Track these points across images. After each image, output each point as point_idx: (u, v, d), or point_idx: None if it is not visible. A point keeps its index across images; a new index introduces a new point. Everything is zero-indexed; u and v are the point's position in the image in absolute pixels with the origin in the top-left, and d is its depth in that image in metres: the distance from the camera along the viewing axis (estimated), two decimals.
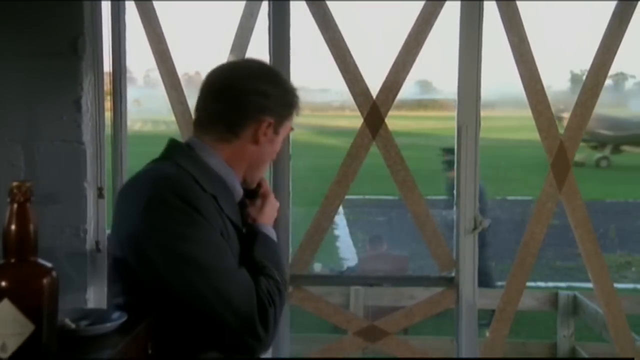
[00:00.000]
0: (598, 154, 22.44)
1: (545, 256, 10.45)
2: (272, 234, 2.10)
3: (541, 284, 10.56)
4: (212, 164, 1.96)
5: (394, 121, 3.47)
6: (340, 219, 15.44)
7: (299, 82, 2.17)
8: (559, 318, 7.32)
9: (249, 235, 2.04)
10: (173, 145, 2.02)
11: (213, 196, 1.89)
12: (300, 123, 2.17)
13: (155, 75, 3.37)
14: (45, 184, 3.27)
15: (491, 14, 3.35)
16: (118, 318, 1.82)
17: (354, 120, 3.57)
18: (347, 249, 13.18)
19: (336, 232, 14.41)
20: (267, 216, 2.12)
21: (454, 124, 3.39)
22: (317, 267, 8.58)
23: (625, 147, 20.98)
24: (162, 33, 3.36)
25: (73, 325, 1.80)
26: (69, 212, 3.30)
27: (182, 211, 1.79)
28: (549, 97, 3.39)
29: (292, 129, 2.12)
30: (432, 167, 10.95)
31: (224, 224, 1.90)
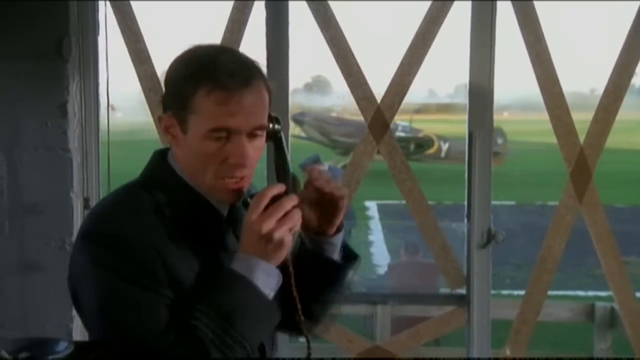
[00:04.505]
0: (343, 162, 21.42)
1: (584, 264, 10.13)
2: (252, 270, 1.55)
3: (580, 292, 10.27)
4: (185, 177, 1.70)
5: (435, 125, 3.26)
6: (374, 224, 15.21)
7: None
8: (596, 330, 7.02)
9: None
10: (151, 161, 1.72)
11: (182, 221, 1.61)
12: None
13: None
14: (29, 193, 3.14)
15: (504, 12, 3.12)
16: (63, 349, 1.65)
17: None
18: (381, 255, 12.93)
19: (370, 237, 14.19)
20: (248, 246, 1.56)
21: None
22: None
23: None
24: (139, 31, 3.18)
25: (10, 358, 1.62)
26: (54, 224, 3.14)
27: (102, 260, 1.55)
28: (594, 101, 3.15)
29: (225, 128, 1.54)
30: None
31: (180, 255, 1.58)
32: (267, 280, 1.57)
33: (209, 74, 1.53)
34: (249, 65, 1.58)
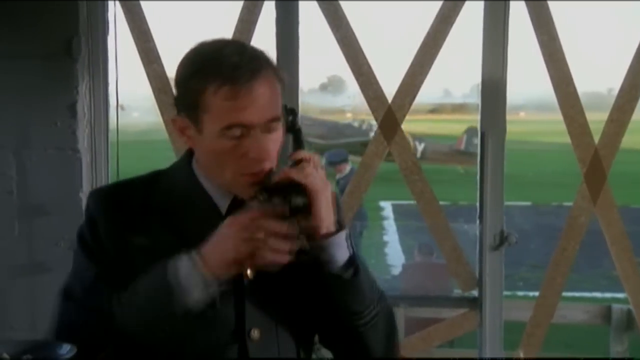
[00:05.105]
0: None
1: (601, 265, 10.06)
2: (187, 269, 1.46)
3: (597, 294, 10.16)
4: (197, 172, 1.63)
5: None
6: (389, 225, 15.13)
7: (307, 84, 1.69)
8: (612, 333, 6.94)
9: None
10: (184, 153, 1.71)
11: (171, 212, 1.59)
12: None
13: None
14: (38, 194, 3.13)
15: (517, 11, 3.08)
16: (66, 352, 1.62)
17: None
18: (395, 255, 12.87)
19: (385, 238, 14.13)
20: (212, 248, 1.47)
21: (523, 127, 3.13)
22: None
23: None
24: (148, 30, 3.15)
25: None
26: (63, 224, 3.12)
27: (81, 231, 1.69)
28: (611, 102, 3.12)
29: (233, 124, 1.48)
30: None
31: (153, 242, 1.57)
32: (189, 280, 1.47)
33: (213, 69, 1.47)
34: (255, 56, 1.51)
